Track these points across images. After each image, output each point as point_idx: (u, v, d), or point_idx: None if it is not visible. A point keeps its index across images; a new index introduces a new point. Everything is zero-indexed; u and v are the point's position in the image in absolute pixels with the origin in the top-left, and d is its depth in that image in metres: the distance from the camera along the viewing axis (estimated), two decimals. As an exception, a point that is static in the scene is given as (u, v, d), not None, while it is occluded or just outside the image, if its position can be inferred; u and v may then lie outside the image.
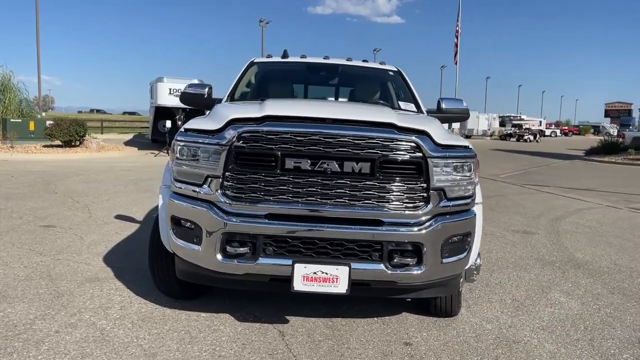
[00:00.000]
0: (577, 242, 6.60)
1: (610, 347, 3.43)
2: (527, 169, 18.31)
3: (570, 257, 5.82)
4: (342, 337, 3.43)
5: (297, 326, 3.57)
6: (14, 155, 15.53)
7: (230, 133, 3.02)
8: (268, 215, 3.05)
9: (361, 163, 2.99)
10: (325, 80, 5.44)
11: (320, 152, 2.98)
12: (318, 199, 3.03)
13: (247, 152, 3.02)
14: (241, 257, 3.07)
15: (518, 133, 48.07)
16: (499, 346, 3.38)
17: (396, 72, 5.15)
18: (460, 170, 3.17)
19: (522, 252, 5.94)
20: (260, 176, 3.03)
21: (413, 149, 3.02)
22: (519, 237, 6.75)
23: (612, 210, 9.31)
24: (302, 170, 3.00)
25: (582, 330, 3.71)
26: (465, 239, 3.25)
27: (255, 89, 5.04)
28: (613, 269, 5.37)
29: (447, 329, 3.62)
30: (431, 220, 3.09)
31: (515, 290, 4.54)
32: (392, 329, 3.61)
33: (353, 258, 3.05)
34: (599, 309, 4.15)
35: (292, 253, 3.05)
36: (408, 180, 3.05)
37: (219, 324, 3.56)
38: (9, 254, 5.08)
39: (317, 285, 3.02)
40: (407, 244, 3.06)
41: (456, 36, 36.75)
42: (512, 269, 5.21)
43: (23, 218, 6.77)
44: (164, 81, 18.53)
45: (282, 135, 2.98)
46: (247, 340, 3.32)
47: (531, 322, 3.83)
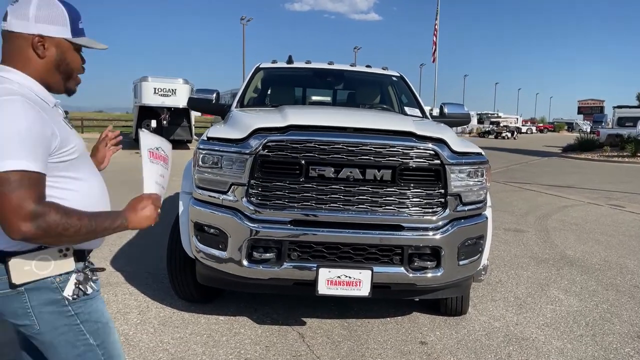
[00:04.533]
0: (566, 239, 6.86)
1: (612, 342, 3.64)
2: (507, 166, 18.74)
3: (562, 254, 6.05)
4: (360, 338, 3.56)
5: (315, 328, 3.68)
6: None
7: (255, 142, 3.10)
8: (293, 222, 3.14)
9: (382, 170, 3.11)
10: (330, 85, 5.54)
11: (343, 160, 3.09)
12: (341, 205, 3.14)
13: (272, 161, 3.11)
14: (266, 262, 3.16)
15: (496, 130, 48.89)
16: (510, 343, 3.55)
17: (399, 78, 5.29)
18: (474, 176, 3.32)
19: (517, 250, 6.16)
20: (285, 184, 3.12)
21: (432, 156, 3.16)
22: (511, 236, 6.97)
23: (594, 207, 9.65)
24: (326, 177, 3.11)
25: (584, 326, 3.91)
26: (478, 242, 3.41)
27: (265, 95, 5.13)
28: (604, 265, 5.61)
29: (458, 328, 3.78)
30: (448, 224, 3.23)
31: (516, 288, 4.73)
32: (406, 328, 3.75)
33: (375, 262, 3.17)
34: (597, 305, 4.36)
35: (316, 258, 3.16)
36: (427, 186, 3.19)
37: (238, 327, 3.65)
38: (14, 259, 5.04)
39: (341, 289, 3.13)
40: (426, 247, 3.20)
41: (434, 34, 37.21)
42: (509, 267, 5.41)
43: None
44: (149, 80, 18.37)
45: (306, 144, 3.08)
46: (270, 343, 3.42)
47: (535, 319, 4.01)
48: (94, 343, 1.61)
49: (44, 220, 1.35)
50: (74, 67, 1.60)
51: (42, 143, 1.40)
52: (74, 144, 1.52)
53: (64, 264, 1.53)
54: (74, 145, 1.51)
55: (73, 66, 1.60)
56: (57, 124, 1.47)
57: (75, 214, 1.43)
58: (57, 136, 1.44)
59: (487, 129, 50.95)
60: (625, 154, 22.03)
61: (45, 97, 1.53)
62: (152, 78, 18.51)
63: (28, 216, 1.34)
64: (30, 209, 1.34)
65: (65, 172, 1.50)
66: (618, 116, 28.69)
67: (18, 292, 1.49)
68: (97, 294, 1.65)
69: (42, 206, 1.36)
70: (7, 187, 1.32)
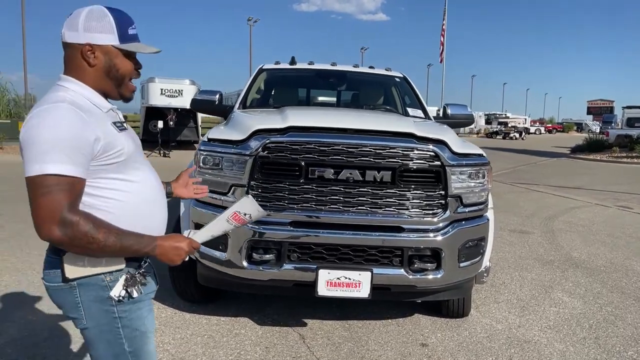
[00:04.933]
0: (572, 241, 6.81)
1: (615, 345, 3.60)
2: (515, 167, 18.64)
3: (567, 256, 6.01)
4: (360, 339, 3.55)
5: (316, 329, 3.68)
6: (4, 157, 15.38)
7: (255, 143, 3.11)
8: (292, 223, 3.14)
9: (382, 172, 3.11)
10: (333, 86, 5.54)
11: (343, 162, 3.09)
12: (341, 206, 3.13)
13: (272, 162, 3.11)
14: (266, 263, 3.16)
15: (504, 131, 48.64)
16: (511, 346, 3.53)
17: (402, 78, 5.28)
18: (475, 178, 3.30)
19: (521, 252, 6.12)
20: (285, 185, 3.13)
21: (432, 157, 3.15)
22: (516, 237, 6.93)
23: (602, 209, 9.57)
24: (326, 179, 3.10)
25: (587, 328, 3.88)
26: (479, 244, 3.39)
27: (267, 95, 5.14)
28: (609, 267, 5.57)
29: (460, 330, 3.76)
30: (449, 226, 3.21)
31: (519, 291, 4.70)
32: (407, 330, 3.74)
33: (375, 264, 3.17)
34: (601, 308, 4.32)
35: (316, 259, 3.16)
36: (427, 188, 3.18)
37: (239, 327, 3.66)
38: (19, 259, 5.10)
39: (340, 291, 3.12)
40: (426, 249, 3.19)
41: (442, 34, 37.09)
42: (513, 269, 5.38)
43: (27, 222, 6.72)
44: (156, 81, 18.46)
45: (306, 146, 3.08)
46: (270, 344, 3.42)
47: (538, 321, 3.99)
48: (127, 349, 1.63)
49: (72, 229, 1.40)
50: (123, 73, 1.64)
51: (82, 148, 1.45)
52: (120, 147, 1.56)
53: (114, 263, 1.58)
54: (120, 149, 1.56)
55: (123, 72, 1.63)
56: (103, 129, 1.53)
57: (103, 230, 1.45)
58: (100, 140, 1.49)
59: (494, 129, 50.70)
60: (635, 155, 21.82)
61: (99, 103, 1.59)
62: (159, 79, 18.60)
63: (58, 221, 1.39)
64: (61, 215, 1.39)
65: (114, 174, 1.56)
66: (627, 117, 28.40)
67: (71, 287, 1.56)
68: (145, 298, 1.67)
69: (73, 214, 1.41)
70: (43, 189, 1.39)
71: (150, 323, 1.70)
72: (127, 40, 1.60)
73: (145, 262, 1.67)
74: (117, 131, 1.59)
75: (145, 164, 1.71)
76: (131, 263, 1.62)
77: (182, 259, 1.63)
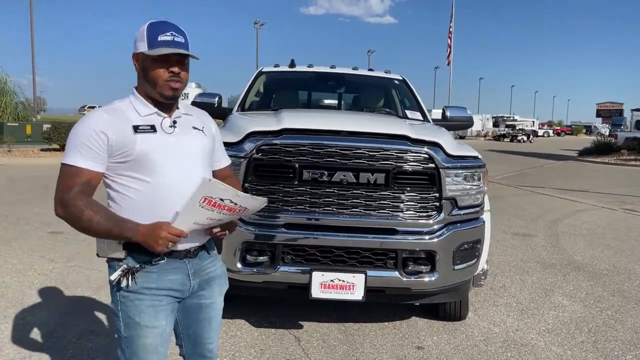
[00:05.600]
0: (576, 244, 6.75)
1: (614, 349, 3.56)
2: (521, 169, 18.52)
3: (570, 259, 5.96)
4: (355, 342, 3.54)
5: (312, 331, 3.68)
6: (12, 160, 15.52)
7: (249, 145, 3.12)
8: (286, 225, 3.15)
9: (376, 174, 3.10)
10: (332, 89, 5.54)
11: (337, 164, 3.09)
12: (334, 208, 3.13)
13: (265, 164, 3.12)
14: (260, 265, 3.17)
15: (511, 134, 48.41)
16: (508, 349, 3.50)
17: (401, 81, 5.27)
18: (470, 180, 3.29)
19: (523, 255, 6.08)
20: (279, 187, 3.13)
21: (426, 160, 3.14)
22: (518, 240, 6.89)
23: (608, 212, 9.48)
24: (320, 181, 3.11)
25: (586, 332, 3.84)
26: (475, 246, 3.38)
27: (266, 98, 5.15)
28: (612, 271, 5.51)
29: (457, 333, 3.74)
30: (443, 228, 3.20)
31: (519, 294, 4.67)
32: (404, 333, 3.72)
33: (369, 266, 3.16)
34: (601, 312, 4.28)
35: (310, 261, 3.16)
36: (421, 190, 3.17)
37: (235, 329, 3.66)
38: (21, 261, 5.14)
39: (334, 293, 3.12)
40: (420, 251, 3.18)
41: (449, 37, 37.04)
42: (514, 272, 5.34)
43: (30, 224, 6.83)
44: (161, 84, 18.55)
45: (299, 148, 3.09)
46: (265, 346, 3.42)
47: (537, 325, 3.96)
48: (123, 334, 1.80)
49: (67, 209, 1.68)
50: (154, 76, 1.75)
51: (90, 142, 1.69)
52: (129, 148, 1.71)
53: (116, 250, 1.76)
54: (129, 150, 1.71)
55: (153, 75, 1.75)
56: (117, 130, 1.71)
57: (90, 212, 1.66)
58: (110, 139, 1.70)
59: (502, 132, 50.47)
60: (643, 158, 21.61)
61: (138, 107, 1.79)
62: (165, 82, 18.68)
63: (59, 201, 1.70)
64: (61, 196, 1.69)
65: (129, 172, 1.74)
66: (636, 119, 28.23)
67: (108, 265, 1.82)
68: (146, 292, 1.76)
69: (71, 197, 1.67)
70: (59, 175, 1.73)
71: (148, 318, 1.76)
72: (154, 47, 1.72)
73: (159, 260, 1.76)
74: (133, 133, 1.72)
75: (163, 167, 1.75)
76: (140, 257, 1.74)
77: (164, 245, 1.65)
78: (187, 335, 1.99)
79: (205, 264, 1.92)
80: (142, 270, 1.75)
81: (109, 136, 1.70)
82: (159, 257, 1.76)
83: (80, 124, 1.74)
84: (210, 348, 2.01)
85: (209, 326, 1.98)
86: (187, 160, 1.81)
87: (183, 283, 1.83)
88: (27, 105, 23.45)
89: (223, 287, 2.03)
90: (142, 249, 1.70)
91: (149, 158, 1.73)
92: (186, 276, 1.84)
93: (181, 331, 2.00)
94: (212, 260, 1.97)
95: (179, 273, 1.82)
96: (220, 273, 2.01)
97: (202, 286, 1.92)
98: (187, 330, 1.98)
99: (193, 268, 1.86)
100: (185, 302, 1.90)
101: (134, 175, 1.73)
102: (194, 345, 1.99)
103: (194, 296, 1.91)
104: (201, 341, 1.98)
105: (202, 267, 1.90)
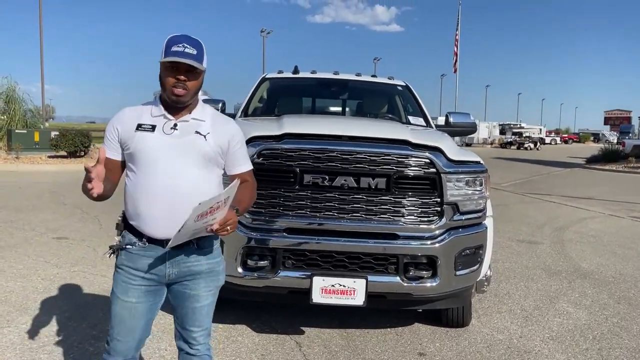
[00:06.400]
0: (582, 251, 6.69)
1: (619, 356, 3.52)
2: (528, 177, 18.43)
3: (576, 267, 5.91)
4: (357, 348, 3.52)
5: (313, 337, 3.66)
6: (20, 166, 15.65)
7: (250, 150, 3.10)
8: (287, 230, 3.15)
9: (377, 179, 3.10)
10: (335, 95, 5.56)
11: (338, 169, 3.09)
12: (335, 213, 3.13)
13: (266, 169, 3.13)
14: (261, 270, 3.17)
15: (518, 141, 48.24)
16: (511, 356, 3.47)
17: (404, 87, 5.28)
18: (472, 185, 3.28)
19: (528, 262, 6.03)
20: (280, 191, 3.14)
21: (427, 164, 3.13)
22: (524, 247, 6.84)
23: (615, 219, 9.41)
24: (320, 185, 3.11)
25: (590, 340, 3.80)
26: (477, 252, 3.36)
27: (269, 104, 5.17)
28: (618, 278, 5.46)
29: (459, 340, 3.71)
30: (445, 233, 3.19)
31: (523, 301, 4.63)
32: (406, 339, 3.70)
33: (369, 271, 3.15)
34: (606, 319, 4.24)
35: (311, 266, 3.15)
36: (422, 195, 3.16)
37: (236, 334, 3.66)
38: (25, 266, 5.17)
39: (335, 298, 3.11)
40: (422, 257, 3.17)
41: (455, 44, 37.05)
42: (519, 279, 5.30)
43: (35, 230, 6.87)
44: (168, 92, 18.68)
45: (300, 153, 3.09)
46: (266, 351, 3.41)
47: (541, 332, 3.92)
48: (110, 299, 2.09)
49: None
50: (164, 81, 1.96)
51: (108, 134, 2.03)
52: (129, 143, 1.98)
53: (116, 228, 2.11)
54: (129, 144, 1.98)
55: (164, 81, 1.96)
56: (126, 127, 2.00)
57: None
58: (119, 133, 2.01)
59: (509, 139, 50.29)
60: (651, 165, 21.44)
61: (153, 108, 2.03)
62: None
63: None
64: None
65: (129, 163, 2.02)
66: (644, 127, 27.95)
67: None
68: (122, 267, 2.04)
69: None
70: None
71: (120, 290, 2.03)
72: (167, 56, 1.92)
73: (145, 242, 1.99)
74: (135, 130, 1.98)
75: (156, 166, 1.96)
76: (128, 238, 2.02)
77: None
78: (177, 316, 2.17)
79: (189, 257, 2.05)
80: (126, 250, 2.02)
81: (119, 130, 2.00)
82: (141, 242, 1.99)
83: (112, 118, 2.07)
84: (195, 337, 2.14)
85: (192, 315, 2.11)
86: (180, 161, 1.97)
87: (159, 269, 2.02)
88: (35, 112, 23.65)
89: (210, 283, 2.14)
90: (134, 232, 2.00)
91: (141, 154, 1.96)
92: (162, 263, 2.02)
93: (174, 312, 2.19)
94: (198, 257, 2.07)
95: (156, 259, 2.01)
96: (206, 269, 2.10)
97: (185, 276, 2.07)
98: (176, 311, 2.16)
99: (172, 257, 2.02)
100: (172, 287, 2.10)
101: (131, 167, 2.01)
102: (182, 328, 2.16)
103: (179, 284, 2.08)
104: (186, 327, 2.14)
105: (184, 260, 2.04)
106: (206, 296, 2.12)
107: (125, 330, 2.05)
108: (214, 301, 2.19)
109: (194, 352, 2.15)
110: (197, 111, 2.05)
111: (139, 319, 2.06)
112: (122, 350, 2.07)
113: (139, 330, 2.08)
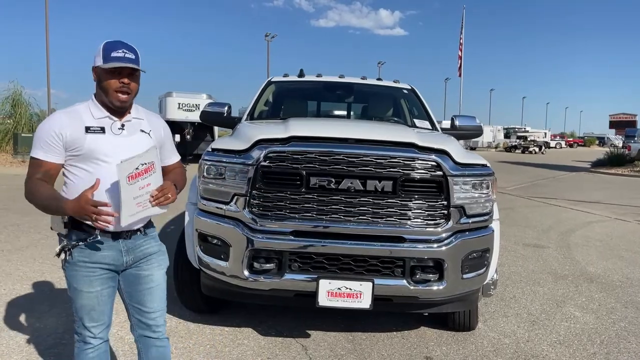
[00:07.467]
0: (588, 255, 6.66)
1: (627, 361, 3.50)
2: (533, 181, 18.36)
3: (583, 271, 5.87)
4: (363, 352, 3.51)
5: (319, 340, 3.65)
6: (25, 170, 15.68)
7: (257, 153, 3.13)
8: (293, 232, 3.14)
9: (383, 182, 3.10)
10: (341, 98, 5.57)
11: (344, 171, 3.09)
12: (342, 216, 3.13)
13: (273, 171, 3.13)
14: (267, 273, 3.16)
15: (523, 145, 48.08)
16: (518, 360, 3.45)
17: (410, 90, 5.28)
18: (478, 188, 3.26)
19: (535, 266, 6.00)
20: (286, 194, 3.13)
21: (434, 167, 3.13)
22: (530, 251, 6.81)
23: (621, 223, 9.36)
24: (327, 188, 3.11)
25: (598, 344, 3.77)
26: (484, 255, 3.34)
27: (275, 107, 5.18)
28: (625, 282, 5.42)
29: (466, 344, 3.70)
30: (451, 237, 3.18)
31: (530, 305, 4.61)
32: (412, 343, 3.68)
33: (376, 274, 3.14)
34: (614, 323, 4.21)
35: (317, 269, 3.15)
36: (429, 198, 3.15)
37: (242, 338, 3.65)
38: (32, 269, 5.19)
39: (341, 301, 3.10)
40: (428, 260, 3.15)
41: (460, 48, 37.03)
42: (525, 283, 5.28)
43: (41, 233, 6.89)
44: (173, 96, 18.81)
45: (307, 155, 3.09)
46: (272, 354, 3.40)
47: (548, 336, 3.89)
48: (69, 294, 2.21)
49: (28, 189, 2.09)
50: (107, 86, 2.10)
51: (49, 140, 2.07)
52: (79, 145, 2.08)
53: (60, 227, 2.17)
54: (78, 146, 2.08)
55: (106, 85, 2.10)
56: (72, 129, 2.08)
57: (37, 191, 2.07)
58: (65, 136, 2.07)
59: (513, 143, 50.15)
60: (657, 169, 21.31)
61: (93, 111, 2.15)
62: (177, 93, 18.94)
63: (25, 185, 2.11)
64: (26, 181, 2.11)
65: (77, 163, 2.11)
66: (650, 130, 27.80)
67: None
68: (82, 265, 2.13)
69: (31, 180, 2.09)
70: (28, 166, 2.14)
71: (84, 284, 2.14)
72: (107, 61, 2.06)
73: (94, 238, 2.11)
74: (84, 133, 2.09)
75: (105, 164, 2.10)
76: (79, 234, 2.12)
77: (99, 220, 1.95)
78: (132, 306, 2.31)
79: (140, 242, 2.25)
80: (78, 246, 2.12)
81: (64, 135, 2.07)
82: (93, 236, 2.11)
83: (44, 124, 2.12)
84: (154, 317, 2.31)
85: (150, 296, 2.28)
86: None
87: (116, 259, 2.18)
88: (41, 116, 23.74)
89: (162, 262, 2.35)
90: (82, 228, 2.11)
91: (94, 154, 2.10)
92: (119, 253, 2.19)
93: (127, 303, 2.32)
94: (147, 240, 2.29)
95: (112, 250, 2.17)
96: (157, 250, 2.32)
97: (139, 260, 2.26)
98: (131, 299, 2.30)
99: (127, 246, 2.20)
100: (125, 272, 2.26)
101: (81, 166, 2.11)
102: (139, 314, 2.30)
103: (134, 267, 2.26)
104: (145, 311, 2.29)
105: (136, 246, 2.24)
106: (160, 275, 2.31)
107: (97, 315, 2.20)
108: (165, 283, 2.35)
109: (157, 336, 2.32)
110: (134, 110, 2.24)
111: (106, 303, 2.22)
112: (97, 334, 2.23)
113: (108, 312, 2.25)
